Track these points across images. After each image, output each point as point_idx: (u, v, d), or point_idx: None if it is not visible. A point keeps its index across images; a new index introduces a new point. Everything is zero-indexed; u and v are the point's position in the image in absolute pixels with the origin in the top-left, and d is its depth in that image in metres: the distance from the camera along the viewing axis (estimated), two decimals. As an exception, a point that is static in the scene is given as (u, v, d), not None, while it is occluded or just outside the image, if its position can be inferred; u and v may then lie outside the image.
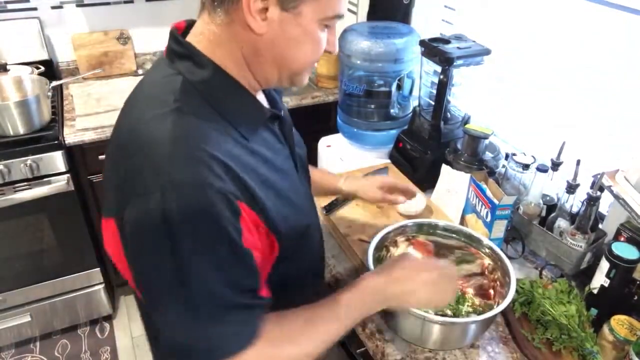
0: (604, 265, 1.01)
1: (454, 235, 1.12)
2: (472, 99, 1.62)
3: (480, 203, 1.20)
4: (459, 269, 1.08)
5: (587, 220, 1.10)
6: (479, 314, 0.98)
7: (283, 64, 0.73)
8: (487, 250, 1.07)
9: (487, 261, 1.07)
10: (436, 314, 0.96)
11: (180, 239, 0.63)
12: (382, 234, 1.06)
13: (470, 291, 1.06)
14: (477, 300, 1.04)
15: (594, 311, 1.05)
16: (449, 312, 1.00)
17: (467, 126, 1.38)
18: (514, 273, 0.98)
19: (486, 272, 1.07)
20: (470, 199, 1.27)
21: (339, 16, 0.73)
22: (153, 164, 0.64)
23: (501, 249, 1.22)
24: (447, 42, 1.45)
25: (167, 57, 0.75)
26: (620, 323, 0.95)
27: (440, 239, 1.12)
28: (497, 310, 0.92)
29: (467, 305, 1.02)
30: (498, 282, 1.03)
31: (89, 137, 1.83)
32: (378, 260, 1.04)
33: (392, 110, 1.78)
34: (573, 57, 1.30)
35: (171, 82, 0.71)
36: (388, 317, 1.00)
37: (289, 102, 2.10)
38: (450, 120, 1.57)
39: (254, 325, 0.69)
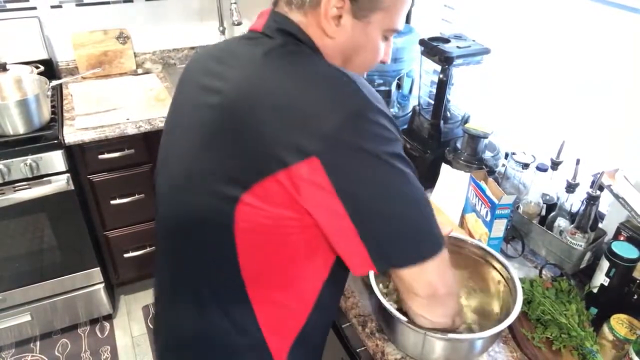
0: (604, 264, 1.01)
1: (458, 245, 1.09)
2: (472, 98, 1.62)
3: (480, 202, 1.20)
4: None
5: (587, 219, 1.10)
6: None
7: (346, 67, 0.78)
8: (496, 263, 1.03)
9: (496, 275, 1.03)
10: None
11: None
12: None
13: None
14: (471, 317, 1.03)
15: (593, 310, 1.05)
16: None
17: (466, 125, 1.38)
18: (519, 283, 0.95)
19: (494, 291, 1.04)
20: (470, 198, 1.27)
21: (397, 31, 0.80)
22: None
23: (501, 249, 1.23)
24: (446, 41, 1.45)
25: (264, 31, 0.77)
26: (620, 322, 0.95)
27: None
28: (505, 324, 0.87)
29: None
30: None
31: (88, 136, 1.83)
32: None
33: (391, 110, 1.78)
34: (573, 57, 1.30)
35: (287, 45, 0.74)
36: (390, 330, 0.97)
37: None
38: (449, 120, 1.57)
39: None
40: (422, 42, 1.48)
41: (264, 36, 0.76)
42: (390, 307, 0.90)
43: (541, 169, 1.21)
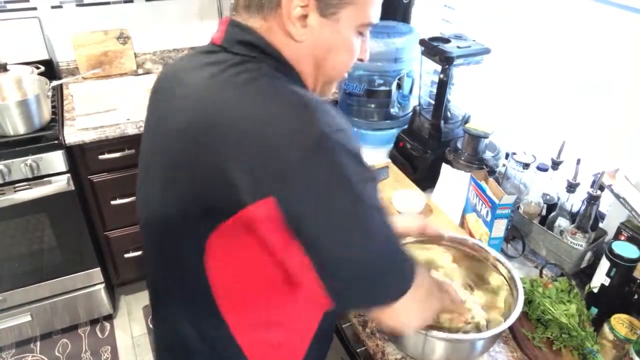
0: (604, 264, 1.01)
1: (457, 245, 1.09)
2: (472, 98, 1.62)
3: (481, 202, 1.20)
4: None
5: (588, 219, 1.10)
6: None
7: (320, 71, 0.73)
8: (495, 262, 1.03)
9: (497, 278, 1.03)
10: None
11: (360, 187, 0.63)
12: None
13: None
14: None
15: (594, 310, 1.05)
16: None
17: (467, 125, 1.38)
18: (520, 283, 0.95)
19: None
20: (470, 198, 1.27)
21: (372, 24, 0.74)
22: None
23: (501, 249, 1.23)
24: (447, 41, 1.45)
25: (223, 45, 0.71)
26: (620, 322, 0.95)
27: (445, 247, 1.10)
28: (506, 324, 0.87)
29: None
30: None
31: (89, 136, 1.83)
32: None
33: (392, 110, 1.78)
34: (573, 57, 1.30)
35: (245, 63, 0.68)
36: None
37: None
38: (450, 120, 1.57)
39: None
40: (422, 42, 1.48)
41: (223, 50, 0.70)
42: None
43: (542, 168, 1.21)
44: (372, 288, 0.66)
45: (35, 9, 2.13)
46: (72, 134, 1.82)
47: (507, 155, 1.36)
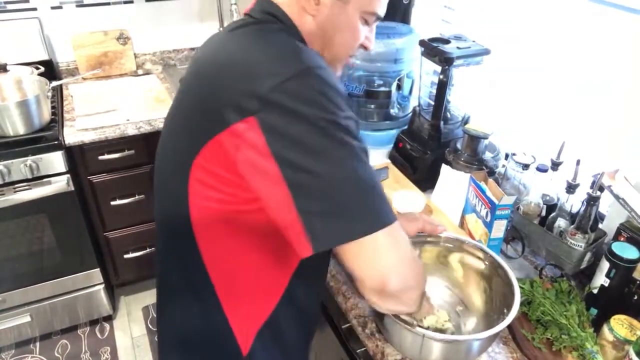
0: (604, 265, 1.01)
1: (455, 244, 1.09)
2: (472, 99, 1.62)
3: (480, 203, 1.20)
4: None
5: (587, 220, 1.10)
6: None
7: (327, 48, 0.82)
8: (489, 260, 1.03)
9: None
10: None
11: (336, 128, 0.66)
12: None
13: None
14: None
15: (593, 311, 1.05)
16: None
17: (466, 126, 1.38)
18: (517, 283, 0.95)
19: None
20: (470, 199, 1.27)
21: (378, 16, 0.83)
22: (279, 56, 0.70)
23: (501, 249, 1.23)
24: (446, 42, 1.45)
25: (249, 13, 0.82)
26: (620, 323, 0.95)
27: (443, 248, 1.10)
28: (502, 325, 0.86)
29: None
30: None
31: (88, 137, 1.83)
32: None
33: (391, 110, 1.78)
34: (573, 57, 1.30)
35: (261, 23, 0.79)
36: (387, 331, 0.97)
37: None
38: (450, 120, 1.57)
39: None
40: (422, 43, 1.48)
41: (248, 17, 0.81)
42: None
43: (541, 169, 1.21)
44: (342, 216, 0.65)
45: (35, 9, 2.14)
46: (72, 135, 1.82)
47: (506, 156, 1.36)
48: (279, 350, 0.90)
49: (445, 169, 1.39)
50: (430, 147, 1.51)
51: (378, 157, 1.69)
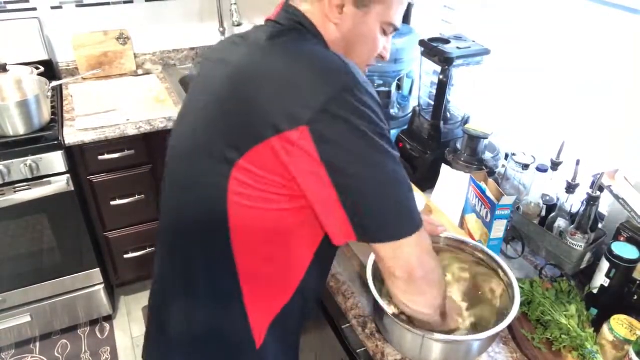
0: (604, 265, 1.01)
1: (453, 245, 1.09)
2: (472, 99, 1.62)
3: (480, 203, 1.20)
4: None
5: (587, 220, 1.10)
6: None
7: (348, 56, 0.81)
8: (495, 265, 1.03)
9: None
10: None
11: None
12: None
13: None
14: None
15: (593, 311, 1.05)
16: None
17: (466, 126, 1.39)
18: (517, 283, 0.96)
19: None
20: (470, 199, 1.27)
21: (395, 27, 0.87)
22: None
23: (501, 250, 1.23)
24: (446, 42, 1.46)
25: (275, 20, 0.85)
26: (620, 323, 0.95)
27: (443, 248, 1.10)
28: (502, 325, 0.87)
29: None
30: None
31: (88, 137, 1.83)
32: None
33: (391, 110, 1.78)
34: (573, 57, 1.30)
35: (291, 31, 0.82)
36: (387, 331, 0.97)
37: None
38: (450, 120, 1.57)
39: None
40: (422, 43, 1.48)
41: (275, 23, 0.84)
42: (387, 307, 0.90)
43: (541, 169, 1.21)
44: (388, 221, 0.75)
45: (35, 9, 2.14)
46: (72, 135, 1.82)
47: (506, 156, 1.36)
48: (284, 338, 0.93)
49: (445, 169, 1.39)
50: (430, 147, 1.51)
51: (378, 157, 1.68)
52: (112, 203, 2.03)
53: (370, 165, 0.72)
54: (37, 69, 2.01)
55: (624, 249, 0.99)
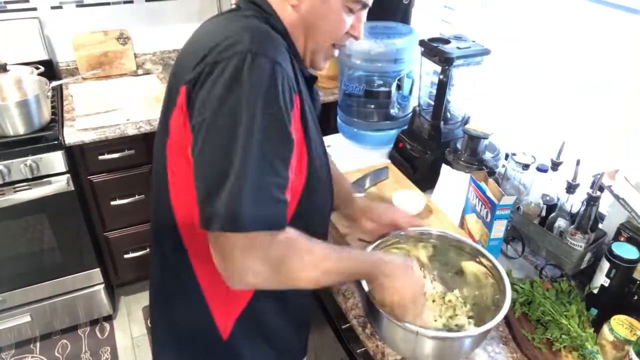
0: (604, 265, 1.01)
1: (448, 242, 1.09)
2: (472, 99, 1.62)
3: (480, 203, 1.20)
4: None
5: (587, 220, 1.10)
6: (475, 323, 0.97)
7: (310, 37, 0.83)
8: (485, 261, 1.03)
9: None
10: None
11: (245, 104, 0.67)
12: (383, 237, 1.06)
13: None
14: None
15: (594, 311, 1.05)
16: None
17: (467, 126, 1.38)
18: (508, 280, 0.95)
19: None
20: (470, 199, 1.27)
21: (364, 3, 0.82)
22: (231, 38, 0.71)
23: (501, 249, 1.23)
24: (446, 42, 1.45)
25: (237, 4, 0.85)
26: (620, 323, 0.95)
27: (437, 244, 1.10)
28: (494, 322, 0.87)
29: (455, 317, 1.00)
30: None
31: (88, 137, 1.83)
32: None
33: (391, 111, 1.78)
34: (573, 57, 1.30)
35: (239, 10, 0.82)
36: (381, 329, 0.97)
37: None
38: (450, 120, 1.57)
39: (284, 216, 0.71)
40: (422, 43, 1.48)
41: (236, 8, 0.84)
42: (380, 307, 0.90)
43: (541, 169, 1.21)
44: (220, 208, 0.65)
45: (35, 9, 2.14)
46: (72, 135, 1.82)
47: (506, 156, 1.36)
48: (262, 337, 0.93)
49: (445, 169, 1.39)
50: (430, 147, 1.51)
51: (378, 157, 1.69)
52: (112, 203, 2.03)
53: (229, 144, 0.66)
54: (37, 68, 2.01)
55: (624, 249, 0.99)
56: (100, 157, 1.92)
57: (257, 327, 0.91)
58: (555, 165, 1.19)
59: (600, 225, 1.17)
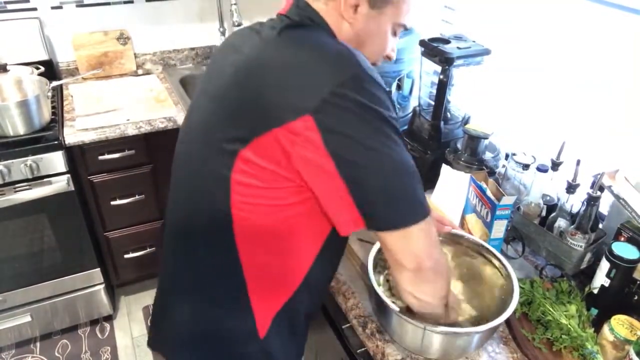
0: (604, 265, 1.01)
1: (449, 240, 1.10)
2: (472, 99, 1.62)
3: (481, 203, 1.20)
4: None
5: (587, 220, 1.10)
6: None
7: None
8: (494, 260, 1.04)
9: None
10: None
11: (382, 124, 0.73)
12: None
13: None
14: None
15: (594, 311, 1.05)
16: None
17: (467, 126, 1.39)
18: (516, 278, 0.97)
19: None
20: (470, 199, 1.27)
21: (405, 27, 0.88)
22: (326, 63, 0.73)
23: (501, 250, 1.23)
24: (447, 42, 1.46)
25: (286, 14, 0.84)
26: (620, 323, 0.95)
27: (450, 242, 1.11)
28: (501, 318, 0.88)
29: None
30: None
31: (89, 137, 1.83)
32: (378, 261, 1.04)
33: (392, 110, 1.78)
34: (573, 57, 1.30)
35: (301, 25, 0.82)
36: (388, 325, 0.98)
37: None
38: (450, 120, 1.57)
39: None
40: (422, 43, 1.48)
41: (286, 18, 0.84)
42: (389, 301, 0.91)
43: (541, 169, 1.21)
44: (396, 209, 0.75)
45: (35, 9, 2.14)
46: (72, 135, 1.82)
47: (506, 156, 1.36)
48: (291, 333, 0.93)
49: (445, 169, 1.39)
50: (430, 147, 1.51)
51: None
52: (112, 203, 2.04)
53: (377, 155, 0.72)
54: (37, 69, 2.01)
55: (624, 249, 0.99)
56: (101, 157, 1.92)
57: (290, 323, 0.92)
58: (556, 165, 1.19)
59: (600, 225, 1.17)
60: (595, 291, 1.04)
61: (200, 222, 0.85)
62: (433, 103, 1.51)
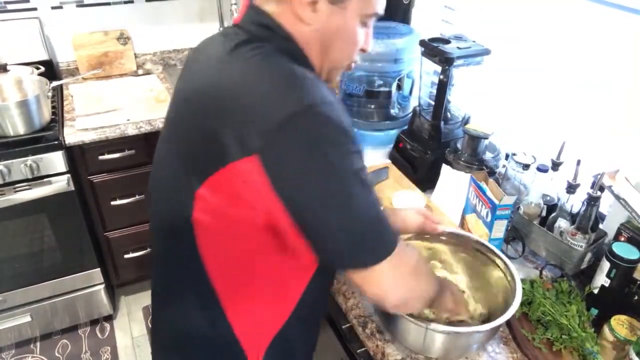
0: (605, 265, 1.01)
1: (453, 240, 1.10)
2: (472, 99, 1.62)
3: (481, 203, 1.20)
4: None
5: (588, 220, 1.10)
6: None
7: (326, 56, 0.78)
8: (497, 260, 1.04)
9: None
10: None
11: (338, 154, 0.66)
12: None
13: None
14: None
15: (594, 311, 1.05)
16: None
17: (467, 126, 1.39)
18: (519, 279, 0.96)
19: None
20: (470, 199, 1.27)
21: (377, 15, 0.79)
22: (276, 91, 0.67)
23: (501, 250, 1.22)
24: (447, 42, 1.45)
25: (240, 24, 0.78)
26: (620, 323, 0.95)
27: (446, 244, 1.11)
28: (503, 318, 0.88)
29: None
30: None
31: (89, 137, 1.83)
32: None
33: (392, 111, 1.78)
34: (573, 57, 1.30)
35: (251, 42, 0.74)
36: (390, 324, 0.98)
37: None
38: (450, 120, 1.57)
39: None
40: (422, 43, 1.48)
41: (238, 29, 0.77)
42: None
43: (542, 169, 1.21)
44: (351, 250, 0.70)
45: (35, 9, 2.14)
46: (72, 135, 1.82)
47: (507, 156, 1.36)
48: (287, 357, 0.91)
49: (445, 169, 1.39)
50: (430, 147, 1.51)
51: (378, 157, 1.69)
52: (112, 203, 2.04)
53: (329, 195, 0.66)
54: (38, 69, 2.01)
55: (624, 249, 0.99)
56: (101, 157, 1.92)
57: (286, 355, 0.90)
58: (556, 165, 1.19)
59: (600, 225, 1.17)
60: (596, 291, 1.04)
61: (172, 251, 0.82)
62: (433, 103, 1.51)
